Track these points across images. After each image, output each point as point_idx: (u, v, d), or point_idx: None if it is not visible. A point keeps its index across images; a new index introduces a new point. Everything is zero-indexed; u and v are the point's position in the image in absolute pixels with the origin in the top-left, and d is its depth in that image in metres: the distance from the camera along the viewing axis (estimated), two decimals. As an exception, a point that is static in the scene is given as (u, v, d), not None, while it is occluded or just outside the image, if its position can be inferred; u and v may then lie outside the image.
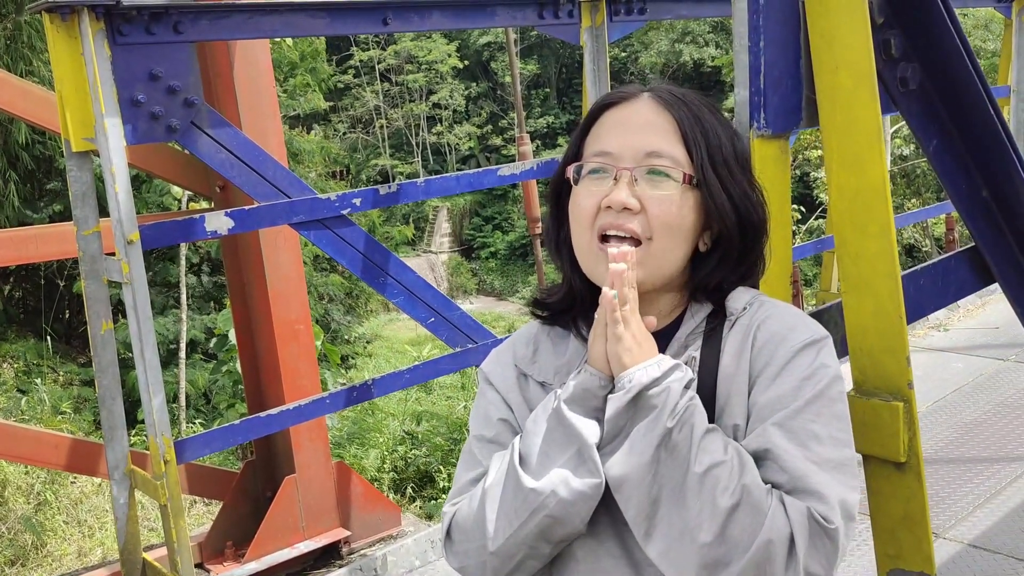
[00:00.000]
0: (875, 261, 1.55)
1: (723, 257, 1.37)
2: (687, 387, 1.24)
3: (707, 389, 1.31)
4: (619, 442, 1.24)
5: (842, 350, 1.65)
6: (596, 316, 1.28)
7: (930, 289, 1.92)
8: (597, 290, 1.40)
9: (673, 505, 1.20)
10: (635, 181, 1.32)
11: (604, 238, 1.33)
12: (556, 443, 1.27)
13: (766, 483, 1.23)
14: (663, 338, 1.37)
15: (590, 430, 1.26)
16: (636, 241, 1.31)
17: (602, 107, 1.41)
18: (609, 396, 1.26)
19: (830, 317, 1.71)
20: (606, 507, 1.27)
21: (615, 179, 1.33)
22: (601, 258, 1.31)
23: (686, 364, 1.32)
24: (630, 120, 1.36)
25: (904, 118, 1.79)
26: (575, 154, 1.42)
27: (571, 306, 1.44)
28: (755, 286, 1.44)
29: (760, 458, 1.25)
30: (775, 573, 1.19)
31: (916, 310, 1.79)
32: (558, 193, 1.45)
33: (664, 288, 1.37)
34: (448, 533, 1.38)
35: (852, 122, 1.54)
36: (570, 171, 1.39)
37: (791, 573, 1.19)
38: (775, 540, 1.18)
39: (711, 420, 1.29)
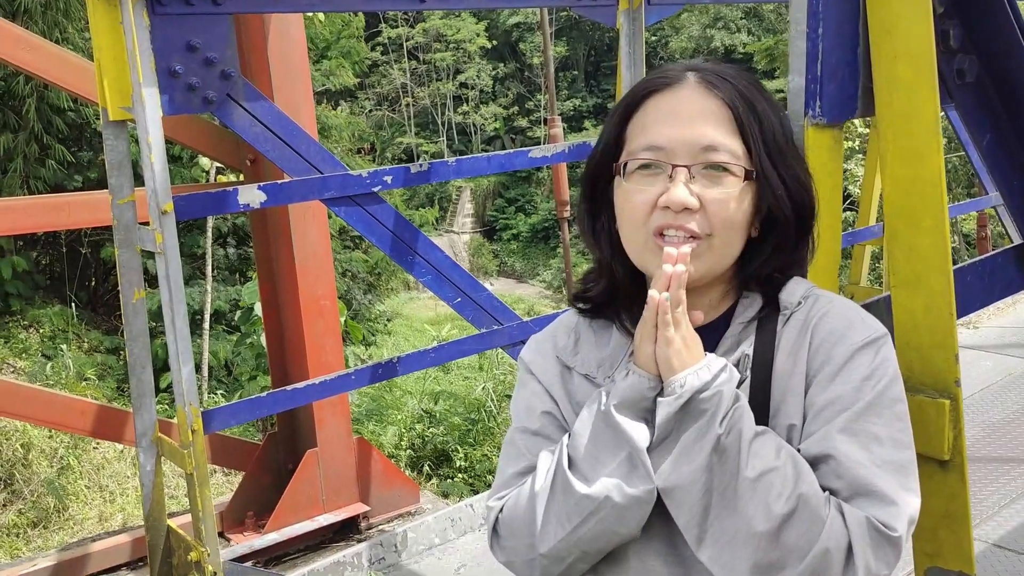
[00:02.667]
0: (928, 256, 1.52)
1: (778, 244, 1.33)
2: (736, 390, 1.22)
3: (761, 387, 1.28)
4: (668, 445, 1.22)
5: (888, 345, 1.62)
6: (644, 317, 1.24)
7: (976, 286, 1.89)
8: (642, 281, 1.37)
9: (724, 509, 1.18)
10: (692, 178, 1.26)
11: (660, 233, 1.28)
12: (606, 447, 1.24)
13: (826, 489, 1.21)
14: (712, 332, 1.33)
15: (640, 434, 1.23)
16: (695, 238, 1.27)
17: (645, 93, 1.33)
18: (659, 400, 1.22)
19: (877, 312, 1.68)
20: (655, 506, 1.24)
21: (670, 177, 1.26)
22: (658, 253, 1.27)
23: (739, 362, 1.29)
24: (680, 109, 1.29)
25: (958, 111, 1.76)
26: (616, 142, 1.35)
27: (613, 298, 1.40)
28: (804, 272, 1.40)
29: (820, 462, 1.23)
30: None
31: (962, 307, 1.76)
32: (594, 180, 1.39)
33: (715, 280, 1.33)
34: (495, 529, 1.36)
35: (910, 113, 1.50)
36: (618, 165, 1.32)
37: None
38: (832, 549, 1.17)
39: (765, 419, 1.26)
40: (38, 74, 4.40)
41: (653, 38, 36.09)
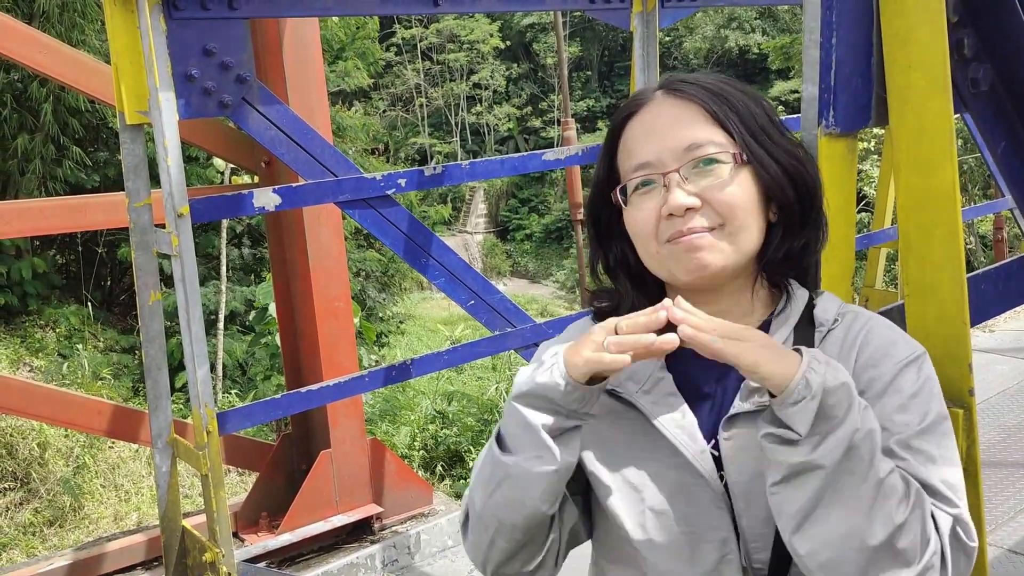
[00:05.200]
0: (941, 265, 1.52)
1: (787, 225, 1.32)
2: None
3: None
4: (810, 441, 1.14)
5: (901, 354, 1.62)
6: (638, 321, 1.19)
7: (991, 293, 1.89)
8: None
9: (836, 506, 1.14)
10: (685, 180, 1.27)
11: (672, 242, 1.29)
12: (518, 424, 1.27)
13: None
14: None
15: (543, 419, 1.24)
16: (710, 231, 1.27)
17: (622, 121, 1.36)
18: (793, 408, 1.14)
19: (890, 320, 1.68)
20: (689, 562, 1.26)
21: (665, 186, 1.28)
22: (675, 258, 1.29)
23: None
24: (655, 123, 1.31)
25: (973, 120, 1.75)
26: (607, 175, 1.38)
27: None
28: (817, 257, 1.38)
29: None
30: None
31: (976, 314, 1.76)
32: (597, 217, 1.41)
33: (740, 279, 1.33)
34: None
35: (924, 123, 1.50)
36: (615, 196, 1.35)
37: None
38: (937, 552, 1.16)
39: None
40: (55, 77, 4.44)
41: (667, 38, 36.03)
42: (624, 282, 1.40)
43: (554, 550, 1.37)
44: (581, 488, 1.42)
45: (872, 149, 13.79)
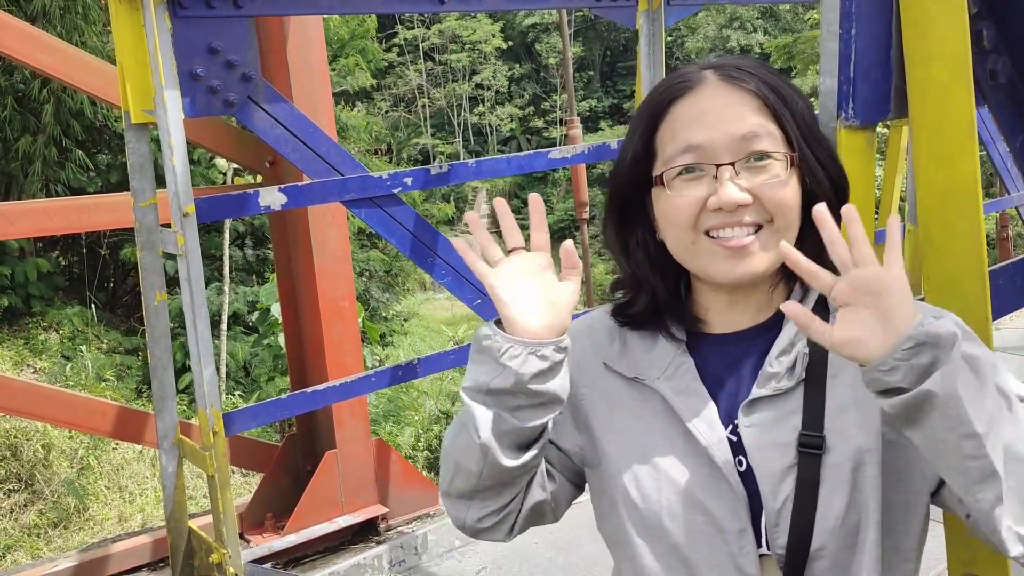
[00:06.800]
0: (962, 260, 1.49)
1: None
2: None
3: (817, 391, 1.24)
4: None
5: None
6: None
7: (1008, 289, 1.86)
8: (684, 289, 1.36)
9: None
10: (736, 174, 1.22)
11: (708, 234, 1.25)
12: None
13: None
14: (764, 332, 1.30)
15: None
16: (756, 228, 1.23)
17: (667, 101, 1.28)
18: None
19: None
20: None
21: (715, 177, 1.23)
22: (713, 254, 1.24)
23: (794, 363, 1.26)
24: (709, 107, 1.24)
25: (991, 113, 1.73)
26: (646, 153, 1.30)
27: (656, 311, 1.35)
28: None
29: None
30: None
31: (994, 311, 1.73)
32: (624, 197, 1.35)
33: (769, 276, 1.29)
34: None
35: (944, 116, 1.48)
36: (657, 177, 1.28)
37: None
38: None
39: (821, 424, 1.23)
40: (58, 77, 4.43)
41: (669, 38, 35.96)
42: (643, 266, 1.35)
43: (512, 515, 1.33)
44: (569, 472, 1.41)
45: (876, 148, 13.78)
